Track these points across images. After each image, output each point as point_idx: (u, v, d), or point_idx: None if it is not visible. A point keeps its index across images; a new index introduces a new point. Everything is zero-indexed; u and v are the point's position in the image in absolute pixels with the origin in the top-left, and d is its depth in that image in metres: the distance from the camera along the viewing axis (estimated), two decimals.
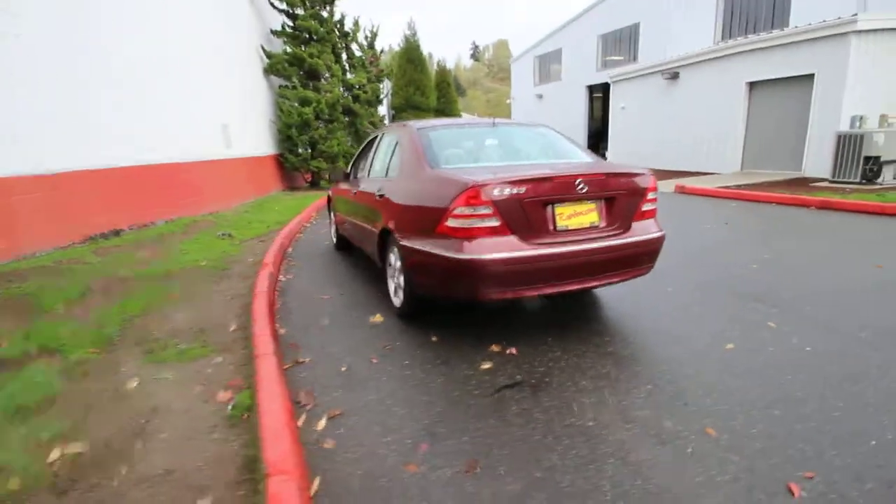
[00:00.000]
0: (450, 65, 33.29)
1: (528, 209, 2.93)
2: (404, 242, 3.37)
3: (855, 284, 4.16)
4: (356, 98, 14.36)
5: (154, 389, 2.68)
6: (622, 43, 20.68)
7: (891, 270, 4.54)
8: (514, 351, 3.08)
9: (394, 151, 4.06)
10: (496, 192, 2.86)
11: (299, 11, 12.10)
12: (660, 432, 2.19)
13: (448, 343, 3.26)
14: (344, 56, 14.31)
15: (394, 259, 3.76)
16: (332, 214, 6.40)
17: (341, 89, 12.87)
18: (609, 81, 17.80)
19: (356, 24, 14.43)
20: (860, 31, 10.48)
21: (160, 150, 7.50)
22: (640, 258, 3.28)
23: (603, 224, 3.14)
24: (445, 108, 33.86)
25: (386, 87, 22.59)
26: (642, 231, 3.27)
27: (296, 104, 11.99)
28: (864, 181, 9.34)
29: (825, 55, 11.03)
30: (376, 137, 4.81)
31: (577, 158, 3.76)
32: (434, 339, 3.35)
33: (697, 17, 17.19)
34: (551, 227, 3.00)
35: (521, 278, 2.95)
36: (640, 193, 3.26)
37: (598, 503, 1.78)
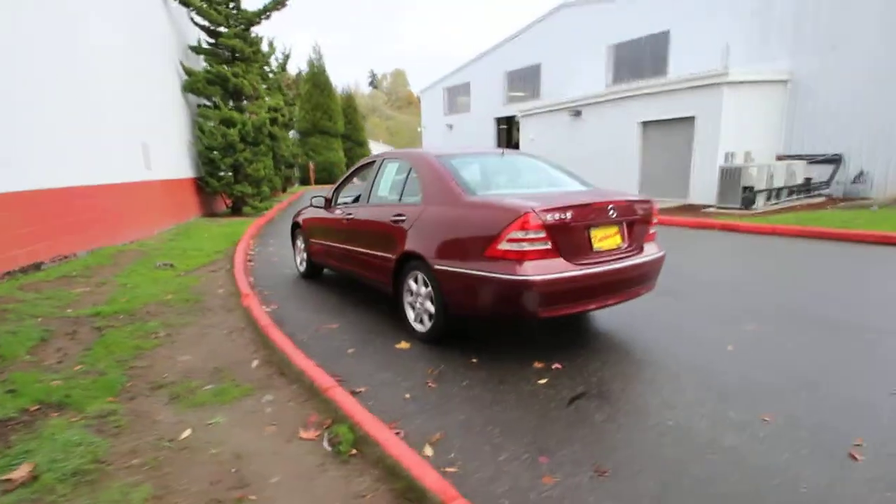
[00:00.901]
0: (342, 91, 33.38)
1: (572, 233, 3.21)
2: (441, 267, 3.44)
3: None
4: (274, 121, 13.86)
5: (217, 436, 2.44)
6: (526, 80, 22.47)
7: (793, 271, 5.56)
8: (559, 366, 3.28)
9: (407, 178, 4.12)
10: (548, 217, 3.09)
11: (222, 29, 11.50)
12: (733, 422, 2.51)
13: (491, 363, 3.36)
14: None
15: (415, 285, 3.79)
16: (299, 242, 6.16)
17: (266, 111, 12.36)
18: (518, 115, 19.21)
19: (271, 45, 14.02)
20: (731, 83, 12.63)
21: (64, 172, 6.54)
22: (651, 275, 3.70)
23: (625, 245, 3.51)
24: (352, 134, 33.78)
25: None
26: (651, 251, 3.70)
27: (219, 125, 11.27)
28: (743, 207, 11.15)
29: (703, 101, 13.08)
30: (372, 164, 4.81)
31: (581, 185, 4.13)
32: (474, 360, 3.43)
33: (591, 62, 19.34)
34: (589, 249, 3.30)
35: (568, 296, 3.19)
36: (648, 218, 3.70)
37: (731, 484, 2.03)
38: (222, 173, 11.56)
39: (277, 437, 2.43)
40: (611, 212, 3.38)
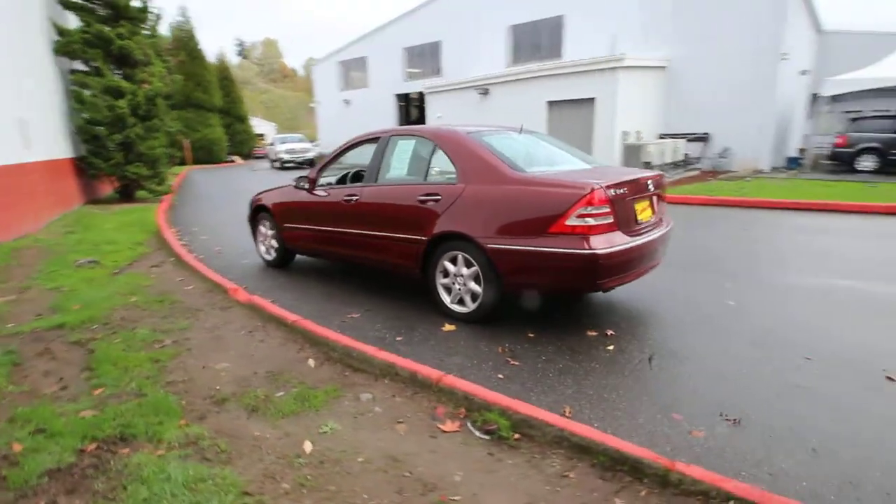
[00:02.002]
0: (214, 59, 30.00)
1: (626, 206, 3.38)
2: (497, 245, 3.41)
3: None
4: (156, 93, 12.04)
5: (349, 443, 2.21)
6: (426, 57, 22.32)
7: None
8: (612, 332, 3.48)
9: (431, 156, 3.95)
10: (611, 192, 3.22)
11: None
12: (788, 363, 2.91)
13: (549, 337, 3.43)
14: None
15: (453, 267, 3.70)
16: (263, 229, 5.57)
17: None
18: (424, 92, 19.09)
19: (144, 5, 11.95)
20: (625, 67, 13.90)
21: None
22: (667, 245, 4.06)
23: (654, 218, 3.80)
24: (231, 109, 30.80)
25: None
26: (668, 222, 4.05)
27: (103, 94, 9.51)
28: None
29: (602, 84, 14.24)
30: (372, 141, 4.49)
31: (588, 162, 4.31)
32: (531, 335, 3.48)
33: (492, 43, 19.83)
34: (635, 222, 3.51)
35: (624, 267, 3.37)
36: (664, 192, 4.03)
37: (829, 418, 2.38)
38: (111, 152, 9.84)
39: (418, 435, 2.27)
40: (649, 185, 3.63)
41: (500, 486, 1.92)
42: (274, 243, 5.49)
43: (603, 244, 3.17)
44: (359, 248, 4.42)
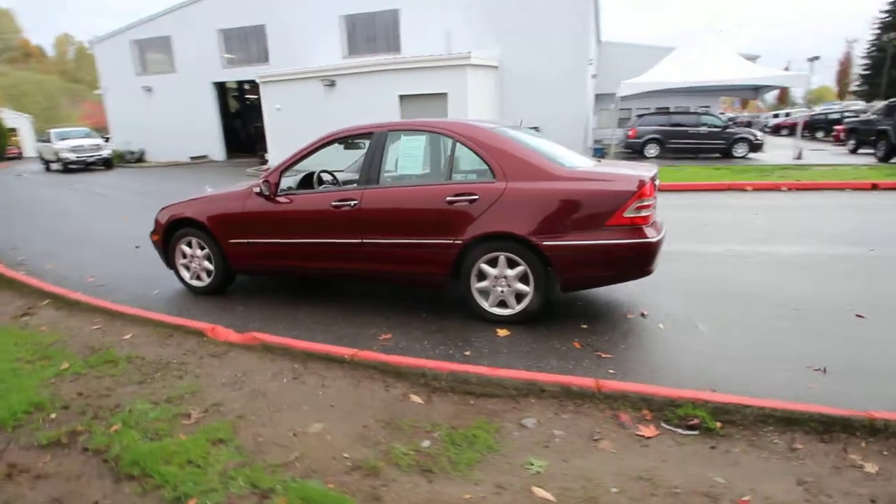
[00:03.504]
0: None
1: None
2: (552, 242, 3.36)
3: None
4: None
5: (573, 478, 1.99)
6: (248, 42, 19.97)
7: None
8: (645, 312, 3.76)
9: (453, 153, 3.65)
10: (656, 184, 3.46)
11: None
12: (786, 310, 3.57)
13: (600, 325, 3.55)
14: None
15: (493, 269, 3.53)
16: (189, 249, 4.42)
17: None
18: (258, 81, 17.14)
19: None
20: (472, 65, 14.73)
21: None
22: None
23: None
24: None
25: None
26: None
27: None
28: None
29: (453, 79, 14.84)
30: (361, 138, 3.92)
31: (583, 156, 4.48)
32: (584, 326, 3.55)
33: (326, 31, 18.79)
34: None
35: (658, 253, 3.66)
36: None
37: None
38: None
39: (628, 448, 2.13)
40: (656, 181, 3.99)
41: (764, 475, 1.96)
42: (208, 265, 4.42)
43: (653, 233, 3.40)
44: (362, 261, 3.86)
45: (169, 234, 4.51)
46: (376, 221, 3.75)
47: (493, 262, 3.56)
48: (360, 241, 3.81)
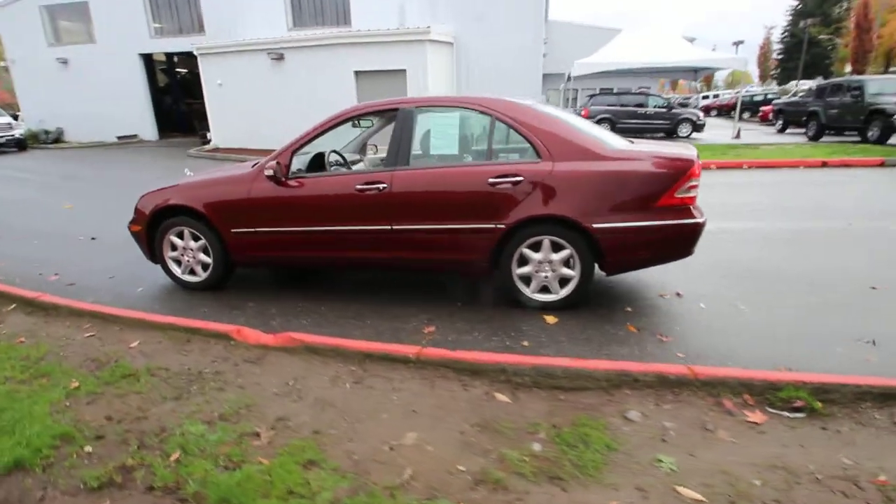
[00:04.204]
0: None
1: None
2: (603, 224, 3.24)
3: None
4: None
5: (711, 474, 1.90)
6: (179, 9, 18.13)
7: None
8: (680, 292, 3.76)
9: (491, 131, 3.42)
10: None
11: None
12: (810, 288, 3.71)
13: (641, 308, 3.51)
14: None
15: (537, 254, 3.38)
16: (181, 241, 3.92)
17: None
18: (196, 53, 15.67)
19: None
20: (431, 41, 14.27)
21: None
22: None
23: None
24: None
25: None
26: None
27: None
28: None
29: (412, 55, 14.32)
30: (385, 114, 3.59)
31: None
32: (628, 309, 3.50)
33: (267, 1, 17.48)
34: None
35: None
36: None
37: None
38: None
39: (745, 436, 2.07)
40: None
41: (882, 452, 1.96)
42: (204, 258, 3.95)
43: (699, 214, 3.37)
44: (392, 249, 3.57)
45: (154, 225, 3.97)
46: (409, 206, 3.47)
47: (535, 247, 3.41)
48: (389, 227, 3.52)
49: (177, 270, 4.06)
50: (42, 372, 2.64)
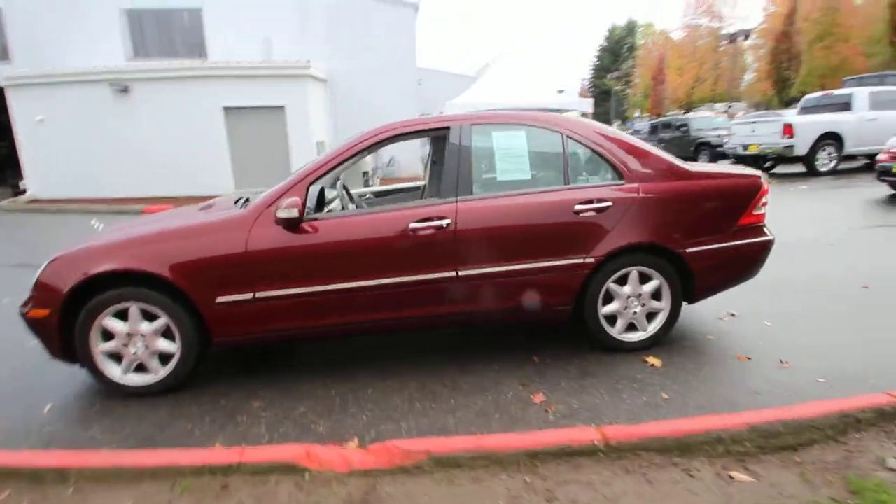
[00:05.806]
0: None
1: None
2: (694, 249, 2.93)
3: None
4: None
5: None
6: None
7: None
8: (735, 312, 3.60)
9: (565, 152, 2.90)
10: None
11: None
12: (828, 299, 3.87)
13: (715, 333, 3.27)
14: None
15: (626, 288, 2.93)
16: (126, 325, 2.60)
17: None
18: (3, 85, 12.24)
19: None
20: (312, 77, 13.37)
21: None
22: None
23: None
24: None
25: None
26: None
27: None
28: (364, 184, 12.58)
29: (291, 91, 13.21)
30: (431, 133, 2.85)
31: None
32: (710, 337, 3.22)
33: (98, 24, 14.65)
34: None
35: None
36: None
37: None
38: None
39: None
40: None
41: None
42: (164, 345, 2.68)
43: (770, 231, 3.24)
44: (455, 301, 2.78)
45: (73, 305, 2.57)
46: (479, 245, 2.76)
47: (622, 281, 2.96)
48: (454, 273, 2.75)
49: (114, 371, 2.67)
50: None
